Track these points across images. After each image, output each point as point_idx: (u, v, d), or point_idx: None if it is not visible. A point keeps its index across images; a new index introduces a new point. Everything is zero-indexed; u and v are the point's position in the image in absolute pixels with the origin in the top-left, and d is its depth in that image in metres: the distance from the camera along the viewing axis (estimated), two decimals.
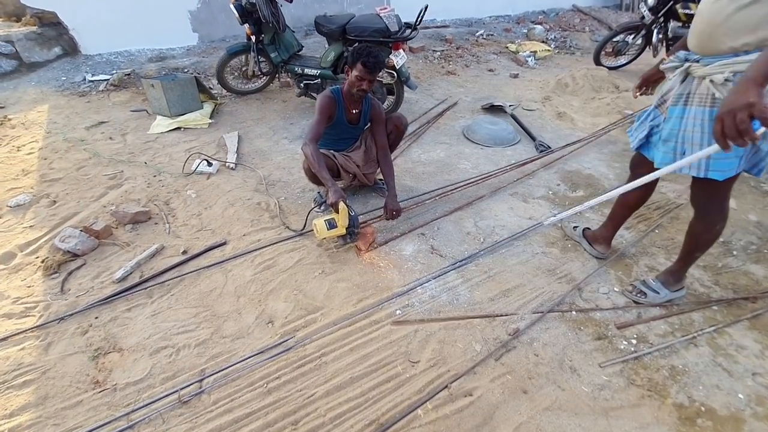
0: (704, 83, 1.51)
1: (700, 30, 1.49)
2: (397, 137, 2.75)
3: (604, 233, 2.33)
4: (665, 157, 1.68)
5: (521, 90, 5.07)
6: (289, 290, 2.10)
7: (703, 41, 1.50)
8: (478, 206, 2.79)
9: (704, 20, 1.46)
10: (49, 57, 4.72)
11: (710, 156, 1.50)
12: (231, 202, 2.75)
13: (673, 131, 1.64)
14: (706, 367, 1.77)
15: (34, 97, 4.16)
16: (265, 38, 3.90)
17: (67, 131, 3.59)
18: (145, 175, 3.03)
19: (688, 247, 1.95)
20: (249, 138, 3.63)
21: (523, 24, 7.58)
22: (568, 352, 1.82)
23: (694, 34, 1.54)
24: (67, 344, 1.82)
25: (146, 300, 2.04)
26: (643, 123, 1.82)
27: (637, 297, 2.07)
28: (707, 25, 1.46)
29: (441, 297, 2.08)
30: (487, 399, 1.63)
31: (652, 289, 2.06)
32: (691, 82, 1.58)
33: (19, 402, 1.59)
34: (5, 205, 2.65)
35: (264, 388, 1.65)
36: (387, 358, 1.77)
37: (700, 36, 1.50)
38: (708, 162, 1.56)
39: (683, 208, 2.79)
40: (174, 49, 5.23)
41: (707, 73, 1.49)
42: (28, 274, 2.17)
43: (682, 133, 1.61)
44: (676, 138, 1.63)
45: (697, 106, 1.56)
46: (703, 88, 1.52)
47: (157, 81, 3.67)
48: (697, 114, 1.55)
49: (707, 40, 1.48)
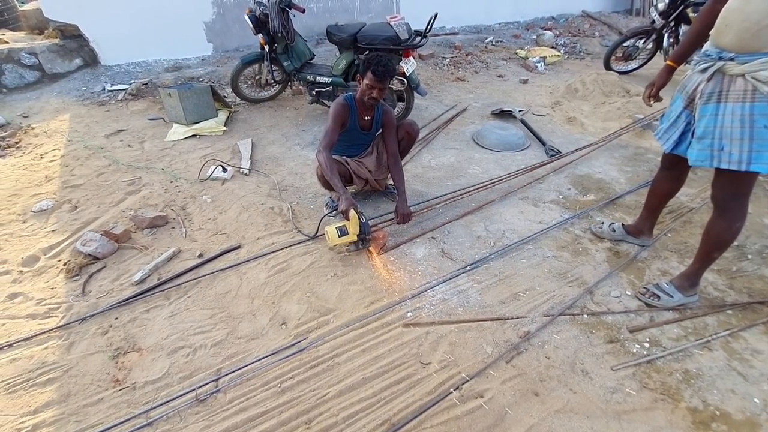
0: (739, 80, 1.55)
1: (743, 28, 1.49)
2: (409, 143, 2.79)
3: (646, 224, 2.37)
4: (701, 154, 1.71)
5: (531, 95, 5.08)
6: (302, 292, 2.14)
7: (745, 40, 1.50)
8: (489, 210, 2.80)
9: (747, 19, 1.47)
10: (71, 68, 4.89)
11: (752, 149, 1.56)
12: (245, 206, 2.81)
13: (708, 128, 1.67)
14: (720, 371, 1.75)
15: (56, 107, 4.30)
16: (278, 47, 3.99)
17: (88, 139, 3.70)
18: (162, 181, 3.11)
19: (706, 247, 1.93)
20: (262, 144, 3.71)
21: (533, 30, 7.60)
22: (580, 355, 1.82)
23: (732, 32, 1.53)
24: (88, 344, 1.88)
25: (164, 301, 2.10)
26: (675, 125, 1.86)
27: (650, 300, 2.06)
28: (753, 24, 1.46)
29: (452, 300, 2.10)
30: (498, 401, 1.64)
31: (666, 293, 2.05)
32: (722, 80, 1.61)
33: (42, 399, 1.65)
34: (29, 210, 2.75)
35: (278, 387, 1.68)
36: (398, 360, 1.79)
37: (741, 34, 1.50)
38: (750, 155, 1.58)
39: (696, 212, 2.77)
40: (189, 59, 5.36)
41: (746, 70, 1.52)
42: (51, 277, 2.25)
43: (719, 129, 1.63)
44: (713, 135, 1.66)
45: (734, 102, 1.58)
46: (739, 84, 1.56)
47: (173, 90, 3.78)
48: (736, 110, 1.58)
49: (751, 39, 1.49)
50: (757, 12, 1.45)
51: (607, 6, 9.03)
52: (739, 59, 1.53)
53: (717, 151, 1.66)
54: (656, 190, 2.22)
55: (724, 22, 1.56)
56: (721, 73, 1.60)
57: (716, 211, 1.85)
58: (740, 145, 1.59)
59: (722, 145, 1.64)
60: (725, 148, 1.63)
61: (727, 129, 1.62)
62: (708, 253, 1.95)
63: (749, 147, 1.59)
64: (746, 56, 1.52)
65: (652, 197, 2.27)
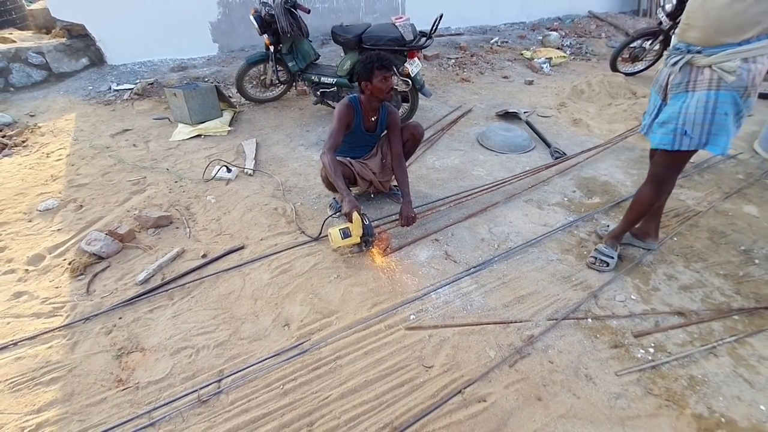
0: (706, 70, 1.70)
1: (707, 25, 1.64)
2: (414, 145, 2.78)
3: (651, 225, 2.41)
4: (664, 138, 1.87)
5: (536, 97, 5.06)
6: (305, 294, 2.14)
7: (709, 35, 1.65)
8: (493, 213, 2.79)
9: (710, 16, 1.62)
10: (77, 67, 4.92)
11: (711, 132, 1.76)
12: (249, 207, 2.82)
13: (673, 114, 1.82)
14: (726, 378, 1.73)
15: (62, 106, 4.33)
16: (283, 48, 3.99)
17: (93, 138, 3.73)
18: (167, 180, 3.12)
19: (636, 213, 2.19)
20: (266, 145, 3.71)
21: (538, 31, 7.57)
22: (584, 359, 1.81)
23: (697, 28, 1.68)
24: (92, 343, 1.88)
25: (167, 302, 2.10)
26: (651, 117, 2.01)
27: (601, 267, 2.27)
28: (715, 20, 1.61)
29: (455, 303, 2.09)
30: (501, 405, 1.63)
31: (609, 256, 2.27)
32: (690, 71, 1.76)
33: (46, 398, 1.66)
34: (35, 209, 2.77)
35: (280, 389, 1.68)
36: (401, 363, 1.79)
37: (705, 30, 1.65)
38: (708, 138, 1.78)
39: (703, 215, 2.74)
40: (195, 59, 5.38)
41: (712, 62, 1.67)
42: (56, 276, 2.26)
43: (683, 115, 1.79)
44: (676, 120, 1.81)
45: (701, 90, 1.74)
46: (706, 74, 1.71)
47: (179, 90, 3.79)
48: (701, 97, 1.74)
49: (714, 34, 1.64)
50: (716, 9, 1.60)
51: (614, 7, 8.98)
52: (706, 52, 1.68)
53: (680, 135, 1.82)
54: None
55: (688, 19, 1.72)
56: (690, 64, 1.75)
57: (652, 184, 2.07)
58: (701, 129, 1.77)
59: (685, 130, 1.80)
60: (688, 133, 1.80)
61: (690, 115, 1.77)
62: (636, 219, 2.23)
63: (708, 131, 1.77)
64: (711, 49, 1.67)
65: None
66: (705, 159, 3.48)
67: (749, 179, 3.19)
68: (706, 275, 2.27)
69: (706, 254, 2.42)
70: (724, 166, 3.41)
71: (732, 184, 3.14)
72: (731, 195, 2.98)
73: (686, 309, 2.05)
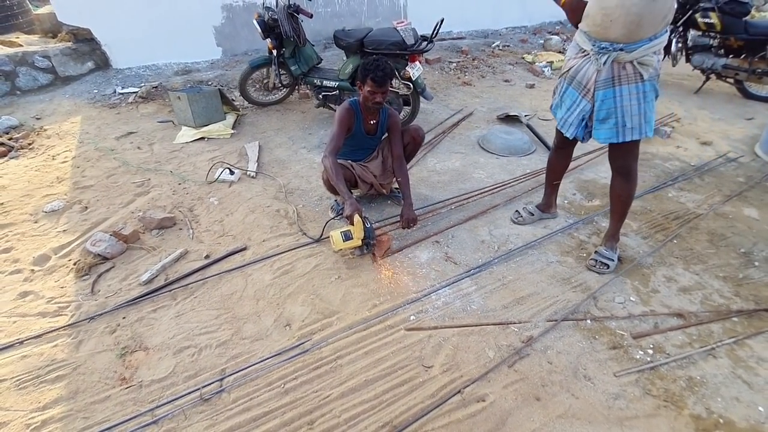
0: (629, 66, 1.85)
1: (629, 21, 1.74)
2: (414, 148, 2.81)
3: (551, 199, 2.70)
4: (609, 133, 2.00)
5: (537, 100, 5.08)
6: (306, 294, 2.16)
7: (632, 31, 1.76)
8: (493, 215, 2.81)
9: (629, 13, 1.72)
10: (83, 71, 4.98)
11: (645, 119, 1.92)
12: (251, 209, 2.85)
13: (611, 110, 1.95)
14: (725, 379, 1.74)
15: (68, 109, 4.38)
16: (286, 52, 4.03)
17: (98, 141, 3.77)
18: (171, 183, 3.16)
19: (622, 208, 2.27)
20: (269, 147, 3.75)
21: (540, 35, 7.60)
22: (583, 360, 1.82)
23: (619, 26, 1.77)
24: (96, 342, 1.91)
25: (170, 302, 2.13)
26: (571, 112, 2.11)
27: (601, 269, 2.29)
28: (636, 17, 1.72)
29: (455, 304, 2.11)
30: (499, 405, 1.64)
31: (609, 258, 2.30)
32: (613, 67, 1.88)
33: (51, 396, 1.69)
34: (41, 211, 2.80)
35: (281, 388, 1.70)
36: (401, 363, 1.81)
37: (628, 27, 1.75)
38: (648, 125, 1.94)
39: (703, 218, 2.75)
40: (199, 62, 5.44)
41: (634, 57, 1.82)
42: (61, 276, 2.29)
43: (620, 108, 1.93)
44: (615, 114, 1.95)
45: (627, 84, 1.89)
46: (629, 69, 1.85)
47: (183, 93, 3.83)
48: (632, 90, 1.89)
49: (636, 30, 1.76)
50: (635, 6, 1.70)
51: None
52: (627, 48, 1.81)
53: (621, 128, 1.95)
54: (554, 167, 2.57)
55: (608, 18, 1.78)
56: (614, 62, 1.87)
57: (621, 177, 2.17)
58: (638, 119, 1.92)
59: (625, 122, 1.94)
60: (628, 125, 1.94)
61: (627, 107, 1.91)
62: (624, 213, 2.28)
63: (644, 118, 1.92)
64: (633, 45, 1.80)
65: (551, 174, 2.60)
66: (705, 162, 3.49)
67: (750, 182, 3.20)
68: (705, 277, 2.28)
69: (705, 256, 2.43)
70: (724, 169, 3.42)
71: (732, 186, 3.14)
72: (732, 198, 2.99)
73: (685, 311, 2.06)
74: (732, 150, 3.71)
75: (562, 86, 2.16)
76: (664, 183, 3.18)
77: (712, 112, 4.61)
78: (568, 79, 2.09)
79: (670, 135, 4.03)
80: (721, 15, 4.62)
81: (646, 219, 2.78)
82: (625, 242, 2.54)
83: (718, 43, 4.85)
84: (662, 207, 2.91)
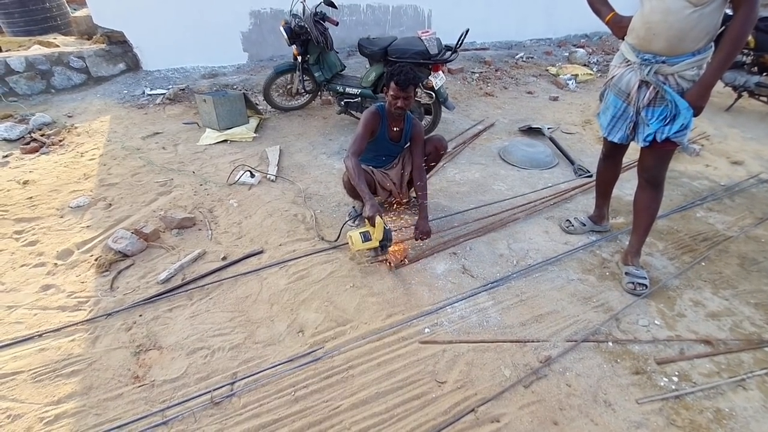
0: (671, 78, 1.88)
1: (671, 35, 1.79)
2: (436, 158, 2.79)
3: (603, 210, 2.67)
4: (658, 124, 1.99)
5: (561, 113, 5.00)
6: (321, 301, 2.15)
7: (674, 45, 1.81)
8: (513, 228, 2.76)
9: (673, 28, 1.77)
10: (114, 72, 5.14)
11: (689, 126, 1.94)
12: (270, 212, 2.86)
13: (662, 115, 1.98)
14: (755, 413, 1.64)
15: (98, 108, 4.52)
16: (311, 58, 4.08)
17: (126, 140, 3.87)
18: (193, 183, 3.21)
19: (648, 221, 2.25)
20: (290, 152, 3.78)
21: (565, 47, 7.51)
22: (603, 384, 1.75)
23: (662, 39, 1.82)
24: (112, 339, 1.93)
25: (187, 302, 2.15)
26: (622, 119, 2.16)
27: (641, 291, 2.20)
28: (678, 31, 1.77)
29: (471, 318, 2.06)
30: (515, 427, 1.59)
31: (644, 277, 2.24)
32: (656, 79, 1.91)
33: (66, 390, 1.71)
34: (67, 206, 2.88)
35: (291, 396, 1.68)
36: (413, 376, 1.77)
37: (670, 41, 1.80)
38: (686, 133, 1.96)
39: (733, 240, 2.64)
40: (225, 67, 5.55)
41: (675, 71, 1.86)
42: (82, 271, 2.34)
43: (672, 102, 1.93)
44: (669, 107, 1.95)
45: None
46: (670, 81, 1.89)
47: (208, 96, 3.91)
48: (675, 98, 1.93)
49: (678, 44, 1.80)
50: (678, 21, 1.75)
51: None
52: (670, 61, 1.86)
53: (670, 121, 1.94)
54: (602, 177, 2.57)
55: (651, 31, 1.84)
56: (656, 73, 1.91)
57: (650, 188, 2.19)
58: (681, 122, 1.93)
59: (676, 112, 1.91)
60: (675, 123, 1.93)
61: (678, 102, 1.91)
62: (649, 227, 2.26)
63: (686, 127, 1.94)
64: (675, 59, 1.84)
65: (601, 185, 2.60)
66: (736, 182, 3.36)
67: None
68: (735, 303, 2.18)
69: (735, 281, 2.32)
70: (756, 190, 3.29)
71: (765, 209, 3.01)
72: (765, 221, 2.86)
73: (713, 338, 1.97)
74: (765, 171, 3.56)
75: (606, 94, 2.23)
76: (692, 202, 3.08)
77: (744, 130, 4.45)
78: (612, 87, 2.15)
79: (699, 153, 3.90)
80: (755, 32, 4.48)
81: (672, 239, 2.69)
82: (650, 262, 2.45)
83: (752, 60, 4.70)
84: (690, 227, 2.81)
